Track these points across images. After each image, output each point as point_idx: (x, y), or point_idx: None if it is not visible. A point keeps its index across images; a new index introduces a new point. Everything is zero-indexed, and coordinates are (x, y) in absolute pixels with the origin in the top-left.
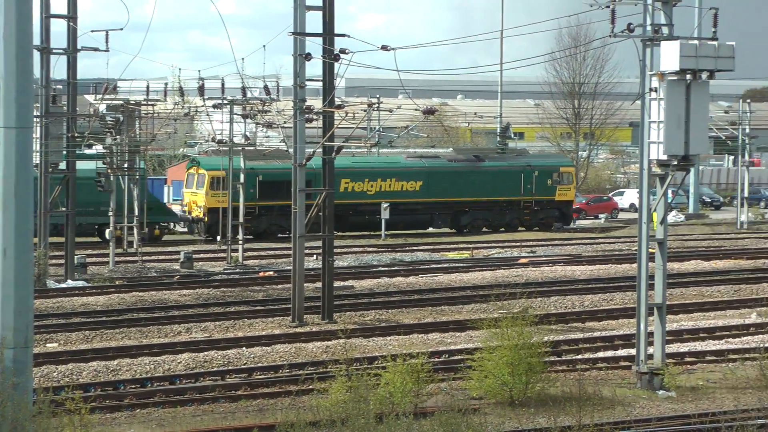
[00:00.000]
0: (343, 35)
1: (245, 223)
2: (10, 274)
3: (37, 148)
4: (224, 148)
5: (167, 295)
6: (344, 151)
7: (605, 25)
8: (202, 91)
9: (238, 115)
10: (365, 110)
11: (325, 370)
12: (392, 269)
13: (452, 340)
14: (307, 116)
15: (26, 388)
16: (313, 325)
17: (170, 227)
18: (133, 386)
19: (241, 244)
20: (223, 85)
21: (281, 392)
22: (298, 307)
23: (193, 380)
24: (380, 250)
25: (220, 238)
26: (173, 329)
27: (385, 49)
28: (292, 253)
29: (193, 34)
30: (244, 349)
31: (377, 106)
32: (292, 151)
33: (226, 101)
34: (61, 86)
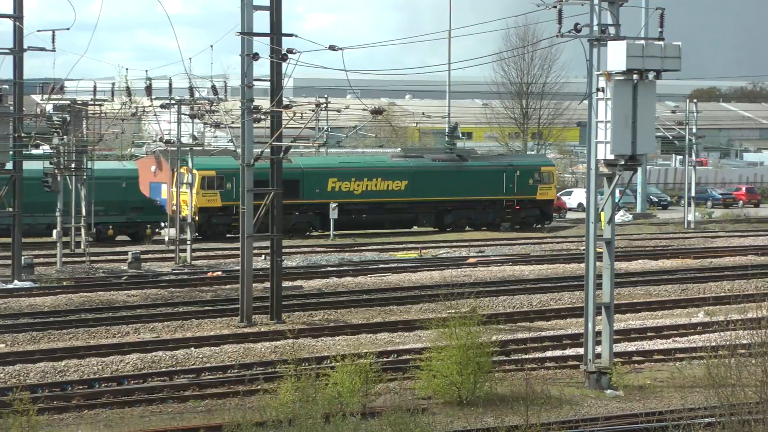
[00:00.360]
0: (290, 35)
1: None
2: None
3: None
4: (172, 148)
5: (115, 295)
6: (292, 151)
7: (553, 25)
8: (149, 91)
9: (185, 115)
10: (313, 110)
11: (273, 370)
12: (341, 269)
13: (401, 339)
14: (255, 116)
15: None
16: (261, 325)
17: (161, 226)
18: (80, 387)
19: (189, 244)
20: (170, 85)
21: (230, 392)
22: (246, 307)
23: (141, 381)
24: (329, 250)
25: (167, 238)
26: (121, 330)
27: (332, 49)
28: (240, 253)
29: (140, 33)
30: (192, 349)
31: (325, 106)
32: (240, 151)
33: (173, 101)
34: (7, 86)
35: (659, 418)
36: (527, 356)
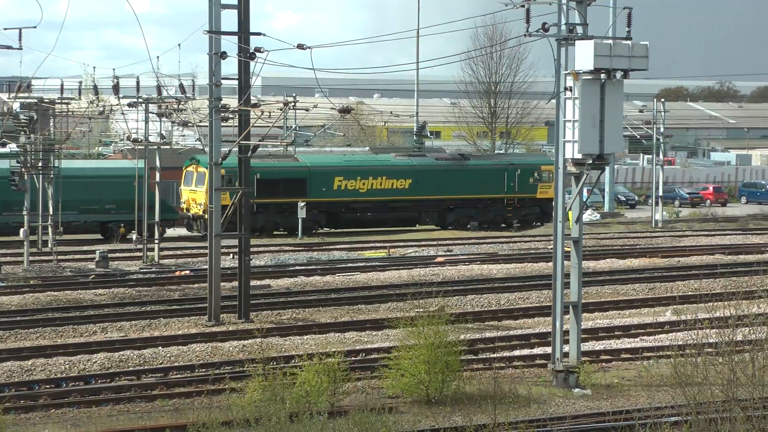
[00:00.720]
0: (258, 34)
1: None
2: None
3: None
4: (140, 147)
5: (82, 294)
6: (260, 150)
7: (521, 24)
8: (116, 89)
9: (153, 113)
10: (281, 109)
11: (241, 369)
12: (309, 268)
13: (369, 338)
14: (222, 115)
15: None
16: (229, 324)
17: (172, 225)
18: (47, 386)
19: (156, 243)
20: (138, 83)
21: (198, 392)
22: (214, 306)
23: (108, 380)
24: (297, 249)
25: (135, 236)
26: (88, 329)
27: (300, 47)
28: (208, 252)
29: (107, 32)
30: (160, 348)
31: (293, 104)
32: (207, 149)
33: (141, 100)
34: None
35: (626, 416)
36: (495, 355)
